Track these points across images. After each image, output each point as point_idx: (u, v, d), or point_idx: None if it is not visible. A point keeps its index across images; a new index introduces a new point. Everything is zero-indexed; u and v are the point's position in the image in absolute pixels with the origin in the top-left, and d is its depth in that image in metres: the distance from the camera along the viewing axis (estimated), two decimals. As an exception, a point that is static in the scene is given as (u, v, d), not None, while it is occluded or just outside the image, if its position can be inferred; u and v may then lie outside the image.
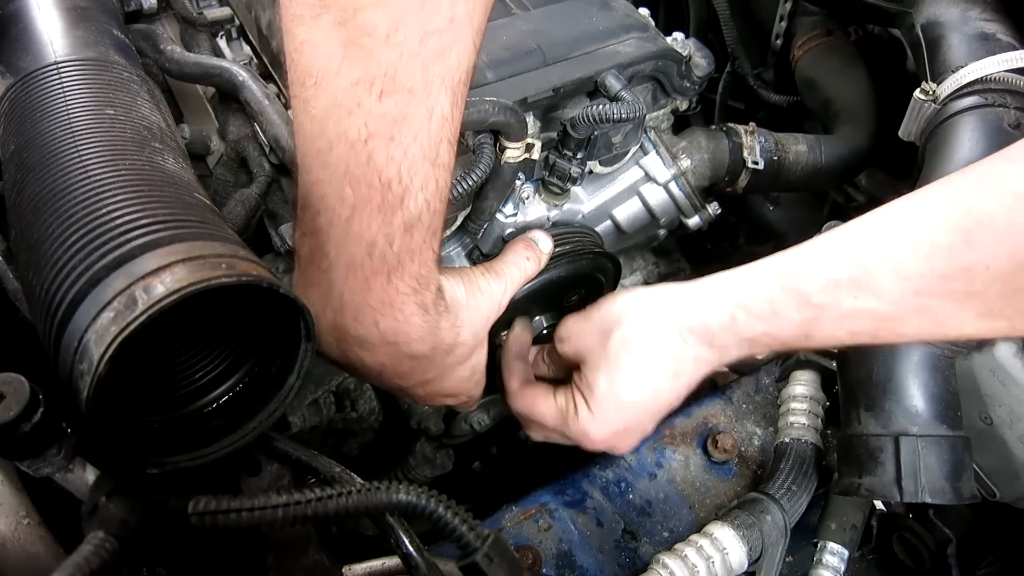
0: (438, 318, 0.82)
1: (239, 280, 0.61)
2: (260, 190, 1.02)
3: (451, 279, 0.88)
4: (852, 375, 0.95)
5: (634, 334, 0.84)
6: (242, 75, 1.02)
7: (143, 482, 0.65)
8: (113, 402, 0.61)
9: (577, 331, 0.91)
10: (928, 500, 0.86)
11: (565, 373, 0.97)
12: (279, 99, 1.01)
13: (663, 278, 1.54)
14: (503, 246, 1.05)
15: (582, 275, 1.12)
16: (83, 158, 0.71)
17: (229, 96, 1.08)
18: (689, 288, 0.83)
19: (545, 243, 1.03)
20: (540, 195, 1.13)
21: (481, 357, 0.95)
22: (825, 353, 1.10)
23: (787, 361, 1.15)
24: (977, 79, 1.04)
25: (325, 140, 0.69)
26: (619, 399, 0.85)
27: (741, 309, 0.77)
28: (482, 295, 0.92)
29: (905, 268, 0.67)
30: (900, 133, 1.16)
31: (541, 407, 0.93)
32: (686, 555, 0.94)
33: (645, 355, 0.83)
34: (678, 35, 1.15)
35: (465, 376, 0.93)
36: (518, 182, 1.07)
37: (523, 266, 1.00)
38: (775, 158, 1.28)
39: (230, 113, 1.12)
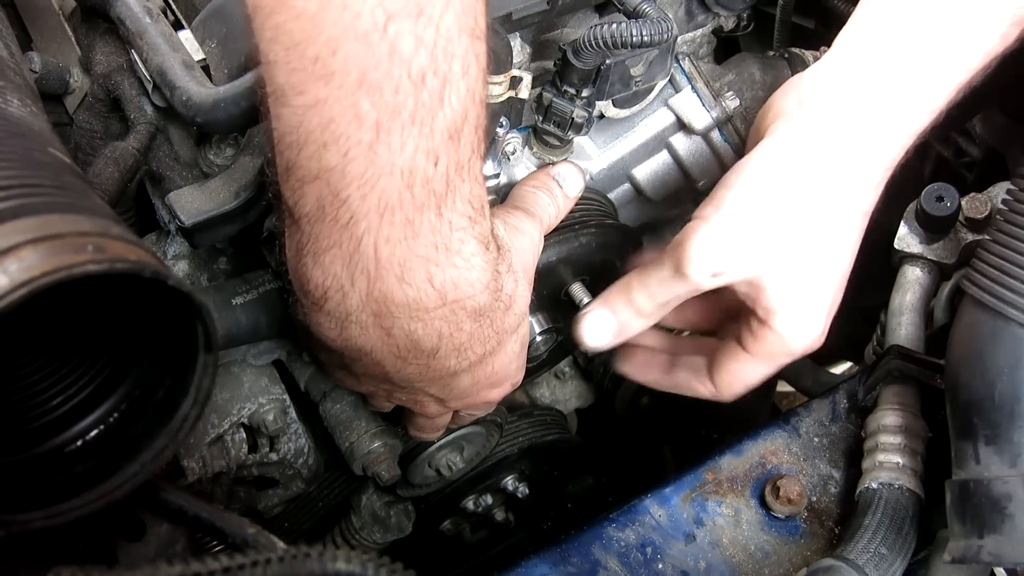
0: (497, 258, 0.87)
1: (112, 267, 0.61)
2: (139, 143, 1.02)
3: None
4: (965, 394, 0.96)
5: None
6: (113, -18, 1.02)
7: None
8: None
9: (740, 247, 0.95)
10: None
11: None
12: (166, 16, 1.01)
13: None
14: None
15: (586, 258, 1.13)
16: None
17: (95, 12, 1.07)
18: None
19: (574, 183, 1.10)
20: (531, 148, 1.14)
21: (527, 325, 1.01)
22: (929, 363, 1.11)
23: (873, 375, 1.16)
24: None
25: (323, 41, 0.69)
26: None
27: None
28: (522, 236, 0.98)
29: None
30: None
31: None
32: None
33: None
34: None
35: (516, 351, 0.99)
36: (499, 130, 1.08)
37: (550, 207, 1.07)
38: (857, 96, 1.28)
39: (97, 36, 1.11)
